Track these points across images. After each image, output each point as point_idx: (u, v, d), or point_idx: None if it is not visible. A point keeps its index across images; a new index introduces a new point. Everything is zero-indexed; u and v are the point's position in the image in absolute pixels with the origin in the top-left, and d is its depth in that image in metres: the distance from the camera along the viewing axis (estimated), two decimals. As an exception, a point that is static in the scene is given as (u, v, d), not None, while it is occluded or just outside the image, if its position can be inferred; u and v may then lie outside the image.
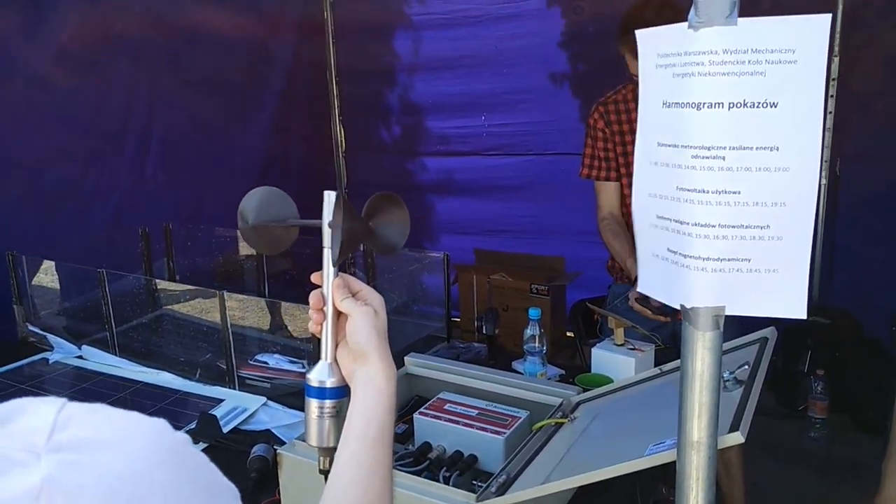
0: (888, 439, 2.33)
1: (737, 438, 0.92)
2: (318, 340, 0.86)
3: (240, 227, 0.83)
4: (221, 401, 1.91)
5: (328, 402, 0.83)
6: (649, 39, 0.86)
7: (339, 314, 0.83)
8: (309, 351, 1.91)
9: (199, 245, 3.02)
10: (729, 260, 0.82)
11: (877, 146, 3.38)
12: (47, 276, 2.66)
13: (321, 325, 0.84)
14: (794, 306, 0.82)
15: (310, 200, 0.89)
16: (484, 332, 2.09)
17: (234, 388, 1.97)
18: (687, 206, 0.83)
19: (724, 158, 0.79)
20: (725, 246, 0.82)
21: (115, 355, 2.21)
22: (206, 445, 1.69)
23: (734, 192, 0.80)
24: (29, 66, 2.71)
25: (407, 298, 2.48)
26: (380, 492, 0.72)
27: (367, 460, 0.73)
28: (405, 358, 1.71)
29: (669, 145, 0.84)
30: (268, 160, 3.89)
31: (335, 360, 0.84)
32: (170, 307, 2.53)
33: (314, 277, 0.84)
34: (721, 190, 0.80)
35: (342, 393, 0.82)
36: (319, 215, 0.84)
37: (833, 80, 3.37)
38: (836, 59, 3.34)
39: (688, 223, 0.83)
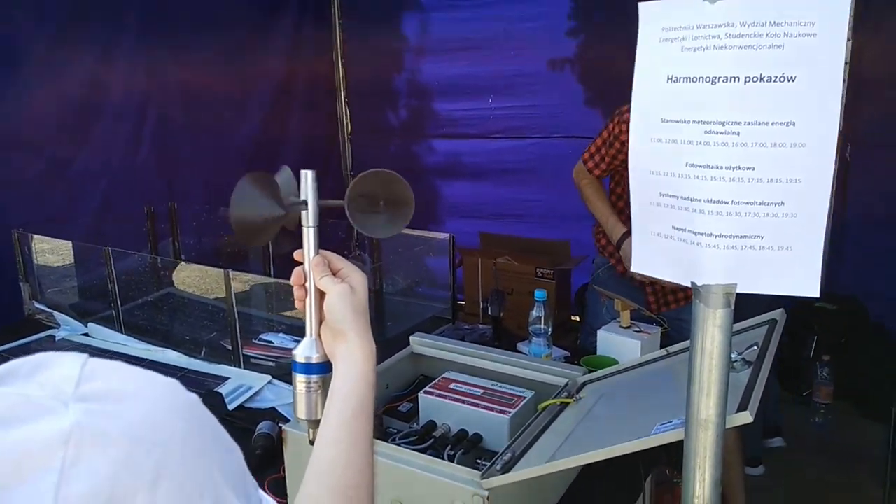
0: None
1: (745, 418, 0.92)
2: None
3: (233, 217, 0.80)
4: (227, 379, 1.92)
5: (314, 377, 0.84)
6: (653, 13, 0.84)
7: (321, 291, 0.84)
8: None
9: (204, 225, 3.02)
10: (742, 237, 0.81)
11: (888, 131, 3.34)
12: (53, 255, 2.67)
13: (304, 301, 0.85)
14: (807, 284, 0.81)
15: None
16: (490, 313, 2.09)
17: (240, 367, 1.98)
18: (698, 183, 0.82)
19: (738, 134, 0.78)
20: (738, 223, 0.81)
21: (121, 333, 2.21)
22: (211, 423, 1.69)
23: (749, 168, 0.79)
24: (26, 44, 2.70)
25: (412, 280, 2.48)
26: (362, 467, 0.73)
27: (348, 437, 0.74)
28: (410, 338, 1.71)
29: (676, 121, 0.83)
30: (266, 143, 3.86)
31: (319, 336, 0.84)
32: (175, 287, 2.54)
33: (297, 255, 0.85)
34: (735, 166, 0.79)
35: (328, 368, 0.83)
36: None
37: (845, 63, 3.33)
38: (849, 44, 3.30)
39: (699, 200, 0.82)
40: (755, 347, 1.11)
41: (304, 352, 0.86)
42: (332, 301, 0.82)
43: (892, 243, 3.31)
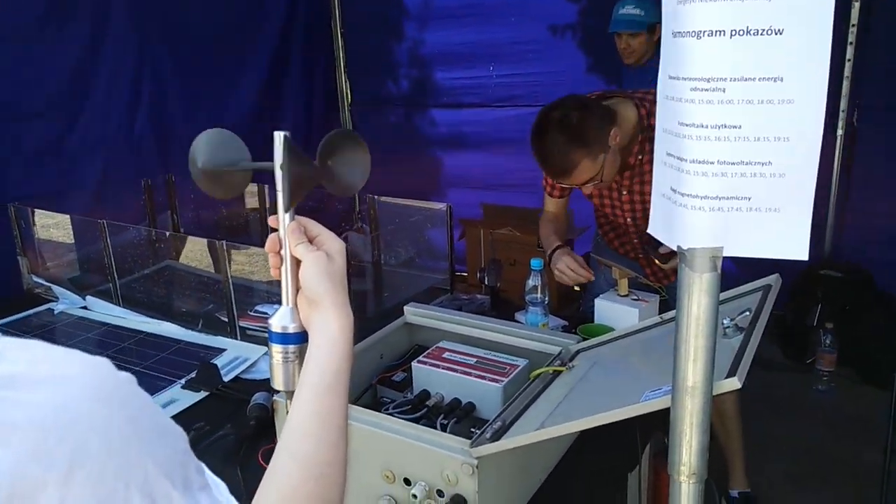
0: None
1: (733, 384, 0.90)
2: None
3: (191, 171, 0.79)
4: (223, 350, 1.92)
5: (291, 347, 0.82)
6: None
7: (297, 259, 0.82)
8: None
9: (203, 198, 3.01)
10: (728, 198, 0.79)
11: (896, 95, 3.28)
12: (53, 229, 2.67)
13: (279, 269, 0.83)
14: (796, 247, 0.79)
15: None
16: (486, 283, 2.07)
17: (236, 339, 1.98)
18: (686, 143, 0.79)
19: (724, 90, 0.75)
20: (724, 184, 0.78)
21: (119, 306, 2.21)
22: (206, 394, 1.70)
23: (734, 127, 0.76)
24: (18, 16, 2.67)
25: (411, 251, 2.46)
26: (335, 440, 0.71)
27: (321, 409, 0.72)
28: (405, 308, 1.70)
29: (673, 77, 0.80)
30: (264, 115, 3.83)
31: (296, 305, 0.83)
32: (174, 260, 2.53)
33: (271, 221, 0.83)
34: (720, 124, 0.76)
35: (306, 338, 0.81)
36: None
37: (853, 26, 3.25)
38: (857, 5, 3.22)
39: (686, 160, 0.79)
40: (748, 313, 1.09)
41: (280, 321, 0.83)
42: (308, 269, 0.80)
43: (899, 209, 3.27)
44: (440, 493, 1.17)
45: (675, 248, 0.83)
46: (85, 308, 2.27)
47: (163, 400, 1.68)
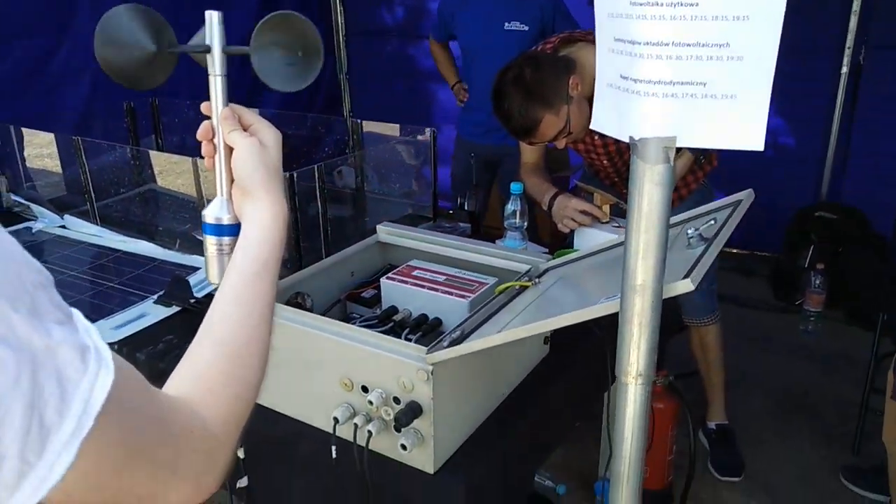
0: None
1: (686, 286, 0.88)
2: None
3: (99, 55, 0.72)
4: (198, 269, 1.90)
5: (226, 239, 0.81)
6: None
7: (231, 148, 0.79)
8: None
9: (189, 121, 2.95)
10: (682, 83, 0.75)
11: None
12: (45, 158, 2.64)
13: (213, 158, 0.81)
14: (752, 137, 0.75)
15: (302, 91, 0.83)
16: (466, 208, 2.04)
17: (212, 258, 1.96)
18: (638, 24, 0.74)
19: (680, -36, 0.70)
20: (679, 67, 0.74)
21: (97, 225, 2.19)
22: (178, 309, 1.69)
23: (690, 5, 0.71)
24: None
25: (394, 178, 2.42)
26: (255, 324, 0.69)
27: (245, 296, 0.71)
28: (377, 226, 1.67)
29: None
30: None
31: (231, 196, 0.80)
32: (157, 183, 2.50)
33: (203, 107, 0.80)
34: (676, 2, 0.72)
35: (240, 230, 0.79)
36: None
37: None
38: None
39: (639, 43, 0.75)
40: (713, 222, 1.06)
41: (214, 212, 0.82)
42: (240, 156, 0.78)
43: (899, 151, 3.20)
44: (396, 400, 1.17)
45: (625, 139, 0.80)
46: (63, 227, 2.25)
47: (133, 314, 1.67)
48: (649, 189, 0.79)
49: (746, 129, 0.75)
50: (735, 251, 3.86)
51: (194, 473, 0.59)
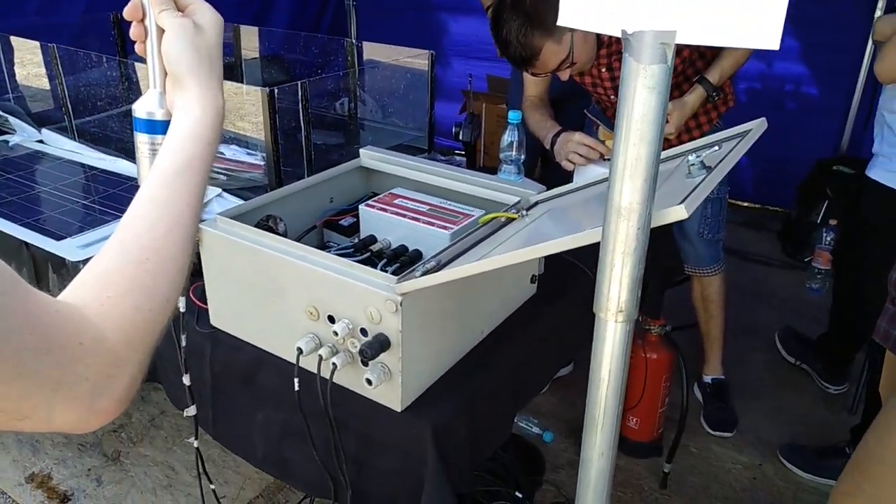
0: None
1: (679, 213, 0.77)
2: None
3: None
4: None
5: (159, 138, 0.71)
6: None
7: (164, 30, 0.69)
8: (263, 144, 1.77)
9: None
10: (687, -35, 0.63)
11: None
12: (42, 78, 2.51)
13: (144, 43, 0.71)
14: (765, 33, 0.63)
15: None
16: (461, 137, 1.92)
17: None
18: None
19: None
20: (685, -55, 0.62)
21: (74, 140, 2.09)
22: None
23: None
24: None
25: (391, 105, 2.29)
26: (170, 227, 0.61)
27: (163, 194, 0.62)
28: (360, 150, 1.56)
29: None
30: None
31: (165, 88, 0.71)
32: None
33: None
34: None
35: None
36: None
37: None
38: None
39: (640, -87, 0.63)
40: (717, 149, 0.95)
41: (144, 106, 0.72)
42: (170, 39, 0.68)
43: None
44: (364, 332, 1.08)
45: (617, 34, 0.68)
46: (41, 142, 2.15)
47: (103, 233, 1.59)
48: (642, 94, 0.67)
49: (759, 24, 0.64)
50: (746, 205, 3.73)
51: (84, 393, 0.51)
